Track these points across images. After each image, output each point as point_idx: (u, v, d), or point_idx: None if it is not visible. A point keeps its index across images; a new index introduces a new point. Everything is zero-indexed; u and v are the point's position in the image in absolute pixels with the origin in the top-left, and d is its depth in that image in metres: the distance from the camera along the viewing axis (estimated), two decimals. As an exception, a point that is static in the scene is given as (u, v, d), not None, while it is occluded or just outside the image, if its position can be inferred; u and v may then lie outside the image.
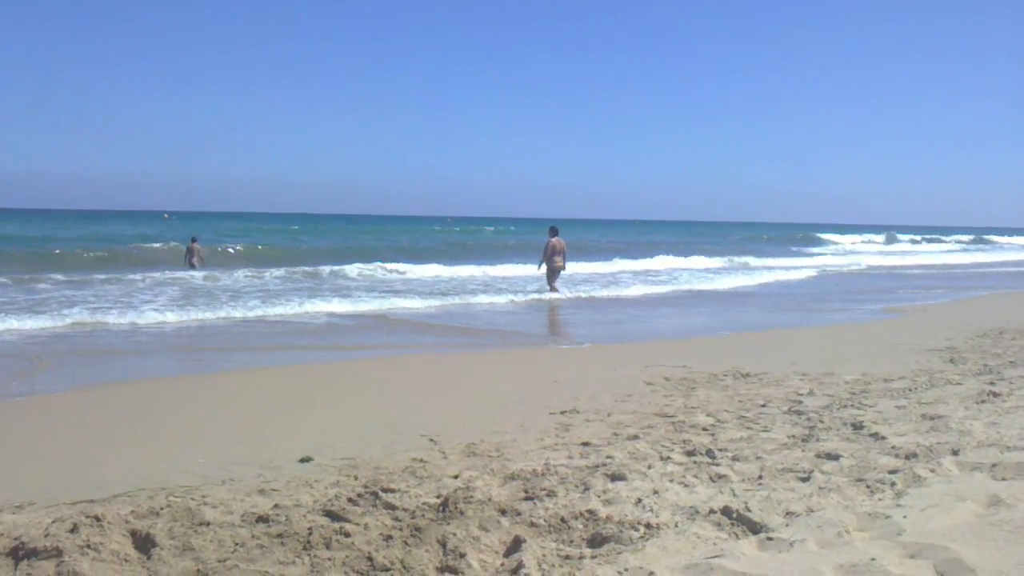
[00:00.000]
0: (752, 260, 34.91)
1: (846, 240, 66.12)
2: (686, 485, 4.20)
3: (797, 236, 67.11)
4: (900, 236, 73.70)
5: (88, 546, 3.28)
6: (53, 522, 3.64)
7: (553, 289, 18.18)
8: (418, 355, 10.77)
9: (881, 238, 69.83)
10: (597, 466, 4.60)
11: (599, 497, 3.98)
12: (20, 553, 3.28)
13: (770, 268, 30.26)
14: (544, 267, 18.44)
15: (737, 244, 53.81)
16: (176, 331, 12.03)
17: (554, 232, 18.54)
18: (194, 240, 26.44)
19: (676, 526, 3.56)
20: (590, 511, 3.72)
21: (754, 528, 3.55)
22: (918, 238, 73.57)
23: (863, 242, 65.30)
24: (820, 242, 62.51)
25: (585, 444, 5.30)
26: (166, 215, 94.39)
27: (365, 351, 10.44)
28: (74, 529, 3.43)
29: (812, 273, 28.36)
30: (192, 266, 24.38)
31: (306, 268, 24.06)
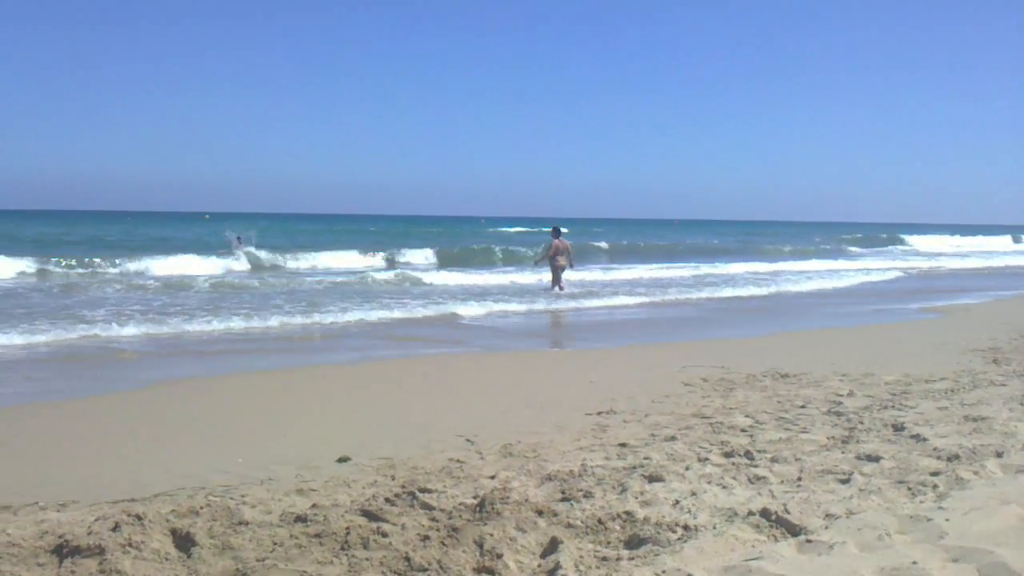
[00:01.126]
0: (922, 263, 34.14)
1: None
2: (724, 487, 4.17)
3: (882, 236, 64.64)
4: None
5: (130, 544, 3.32)
6: (96, 520, 3.69)
7: (560, 288, 18.48)
8: (453, 355, 10.79)
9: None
10: (634, 467, 4.58)
11: (636, 498, 3.97)
12: (64, 551, 3.33)
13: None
14: (546, 264, 19.10)
15: (834, 244, 53.02)
16: (223, 335, 12.15)
17: (557, 233, 19.02)
18: (239, 238, 29.82)
19: (714, 528, 3.54)
20: (627, 512, 3.71)
21: (793, 530, 3.52)
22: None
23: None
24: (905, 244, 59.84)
25: (622, 445, 5.28)
26: (207, 216, 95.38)
27: (399, 351, 10.48)
28: (116, 528, 3.47)
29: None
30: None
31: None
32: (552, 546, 3.39)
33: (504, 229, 72.90)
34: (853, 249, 50.71)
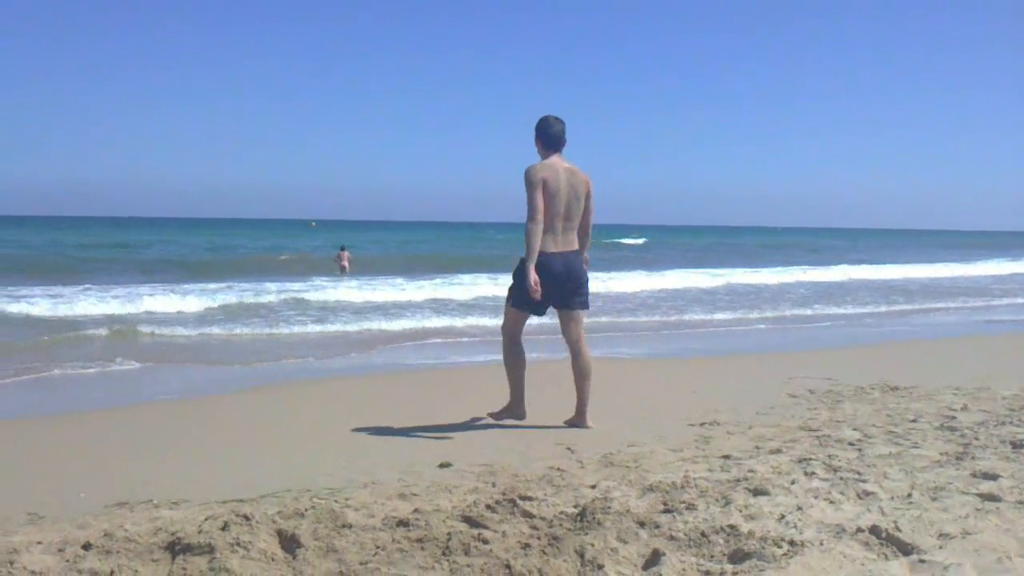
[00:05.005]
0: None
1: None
2: (831, 502, 4.06)
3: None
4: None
5: (238, 544, 3.40)
6: (206, 519, 3.79)
7: None
8: (553, 361, 10.77)
9: None
10: (738, 480, 4.49)
11: (740, 512, 3.89)
12: (176, 548, 3.42)
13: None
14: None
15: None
16: (336, 338, 12.41)
17: None
18: (343, 248, 28.05)
19: (821, 544, 3.45)
20: (731, 526, 3.64)
21: (905, 549, 3.40)
22: None
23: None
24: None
25: (726, 457, 5.19)
26: (312, 223, 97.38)
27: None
28: (225, 527, 3.56)
29: None
30: (343, 269, 26.40)
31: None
32: (654, 558, 3.35)
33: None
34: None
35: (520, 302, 6.07)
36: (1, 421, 6.75)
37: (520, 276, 5.91)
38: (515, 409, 6.37)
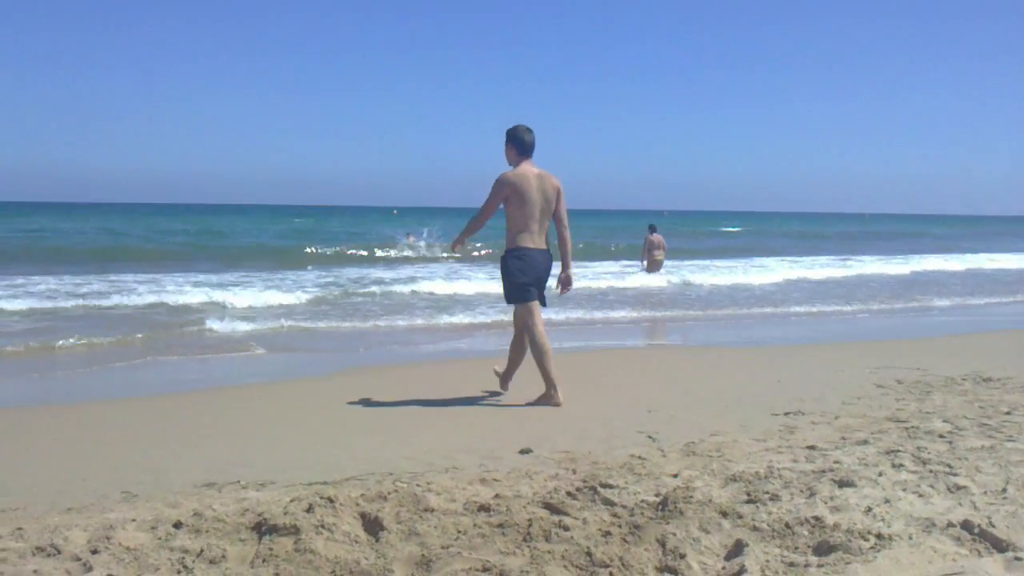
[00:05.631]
0: None
1: None
2: (921, 495, 3.95)
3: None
4: None
5: (322, 526, 3.46)
6: (291, 501, 3.86)
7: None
8: (634, 350, 10.73)
9: None
10: (823, 471, 4.41)
11: (826, 503, 3.82)
12: (263, 528, 3.50)
13: None
14: (645, 261, 20.66)
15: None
16: (428, 326, 12.53)
17: (653, 229, 20.40)
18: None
19: (910, 538, 3.36)
20: (816, 517, 3.57)
21: (999, 546, 3.30)
22: None
23: None
24: None
25: (811, 448, 5.09)
26: (395, 211, 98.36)
27: (575, 342, 10.50)
28: (310, 509, 3.62)
29: None
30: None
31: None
32: (737, 548, 3.31)
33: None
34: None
35: (514, 294, 6.55)
36: (103, 402, 6.98)
37: (505, 272, 6.50)
38: (551, 397, 6.66)
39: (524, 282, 6.44)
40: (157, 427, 6.05)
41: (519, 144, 6.49)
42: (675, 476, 4.45)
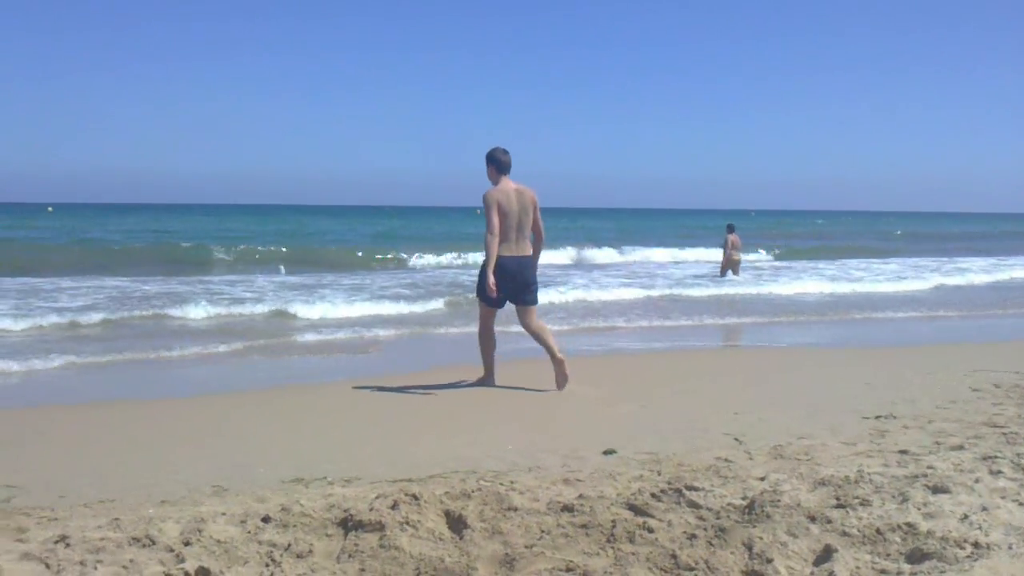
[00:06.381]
0: None
1: None
2: (1021, 503, 3.82)
3: None
4: None
5: (407, 523, 3.49)
6: (376, 498, 3.90)
7: (735, 277, 20.03)
8: (719, 351, 10.60)
9: None
10: (916, 476, 4.28)
11: (919, 510, 3.71)
12: (349, 524, 3.54)
13: None
14: (723, 262, 20.63)
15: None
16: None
17: (731, 229, 20.44)
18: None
19: (1010, 548, 3.24)
20: (909, 524, 3.47)
21: (1105, 557, 3.16)
22: None
23: None
24: None
25: (903, 452, 4.96)
26: (478, 211, 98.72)
27: (663, 343, 10.40)
28: (395, 506, 3.65)
29: None
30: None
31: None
32: (826, 554, 3.24)
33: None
34: None
35: (483, 298, 7.36)
36: (193, 398, 7.16)
37: (482, 278, 7.25)
38: (487, 379, 7.65)
39: (494, 295, 7.19)
40: (245, 423, 6.18)
41: (498, 164, 7.32)
42: (762, 479, 4.38)
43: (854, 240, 44.34)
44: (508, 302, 7.44)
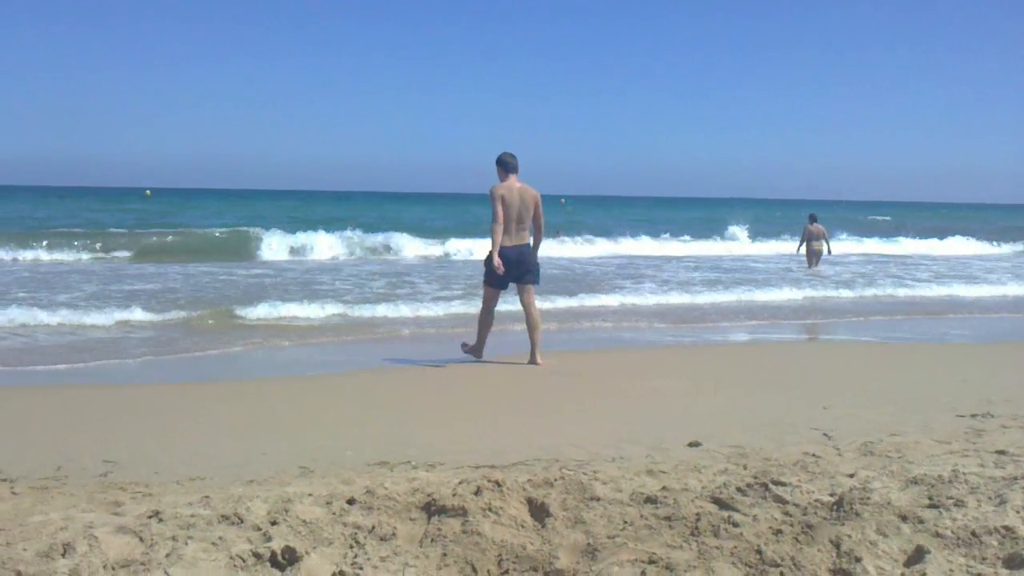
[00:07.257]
0: None
1: None
2: None
3: None
4: None
5: (490, 509, 3.49)
6: (460, 483, 3.92)
7: (815, 267, 20.05)
8: (802, 344, 10.40)
9: None
10: (1015, 478, 4.13)
11: (1018, 513, 3.57)
12: (432, 508, 3.56)
13: None
14: (803, 249, 20.57)
15: None
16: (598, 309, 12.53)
17: (813, 219, 20.48)
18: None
19: (1114, 555, 3.11)
20: (1007, 527, 3.35)
21: None
22: None
23: None
24: None
25: (1000, 452, 4.79)
26: (563, 200, 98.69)
27: (744, 335, 10.25)
28: (478, 492, 3.66)
29: None
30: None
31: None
32: (918, 555, 3.15)
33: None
34: None
35: (490, 280, 8.25)
36: (280, 379, 7.30)
37: (489, 263, 8.08)
38: (478, 352, 8.42)
39: (500, 277, 8.11)
40: (331, 406, 6.28)
41: (505, 166, 8.20)
42: (851, 476, 4.27)
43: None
44: (511, 283, 8.30)
